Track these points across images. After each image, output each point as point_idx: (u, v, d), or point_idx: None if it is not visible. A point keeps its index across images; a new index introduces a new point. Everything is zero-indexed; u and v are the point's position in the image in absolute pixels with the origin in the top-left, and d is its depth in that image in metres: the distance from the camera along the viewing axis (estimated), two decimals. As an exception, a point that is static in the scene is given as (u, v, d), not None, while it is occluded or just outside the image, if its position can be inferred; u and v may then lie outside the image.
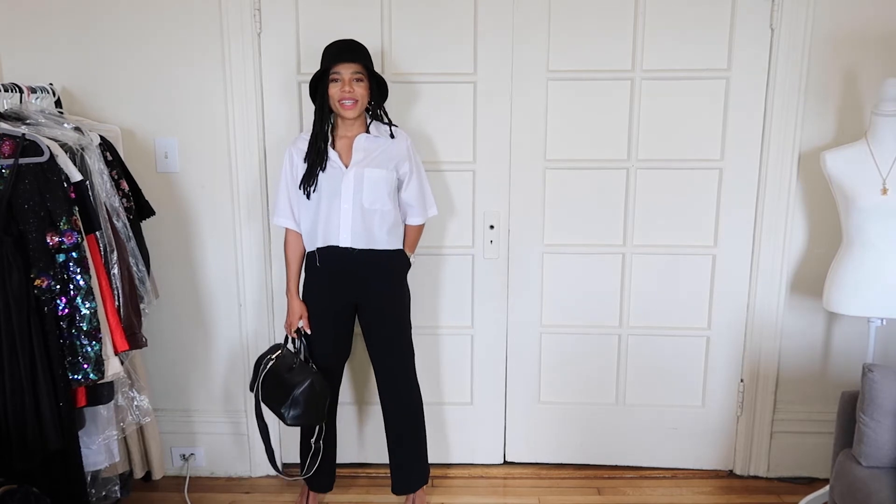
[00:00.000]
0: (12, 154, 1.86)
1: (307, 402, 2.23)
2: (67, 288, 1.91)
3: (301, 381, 2.23)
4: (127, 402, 2.22)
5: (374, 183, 2.23)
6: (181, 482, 2.72)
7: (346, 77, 2.17)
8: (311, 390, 2.23)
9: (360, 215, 2.24)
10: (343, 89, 2.17)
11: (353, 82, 2.17)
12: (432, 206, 2.40)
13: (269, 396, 2.32)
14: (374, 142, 2.27)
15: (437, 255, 2.66)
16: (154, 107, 2.53)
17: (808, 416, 2.70)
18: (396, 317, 2.37)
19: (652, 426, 2.78)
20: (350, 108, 2.18)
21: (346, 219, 2.23)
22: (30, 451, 1.89)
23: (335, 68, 2.17)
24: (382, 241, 2.28)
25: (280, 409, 2.26)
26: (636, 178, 2.58)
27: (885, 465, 1.95)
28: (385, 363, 2.40)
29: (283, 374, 2.28)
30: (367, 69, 2.20)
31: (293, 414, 2.23)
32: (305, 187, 2.24)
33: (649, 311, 2.69)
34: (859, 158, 2.25)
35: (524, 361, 2.75)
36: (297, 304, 2.36)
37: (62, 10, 2.47)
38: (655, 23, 2.46)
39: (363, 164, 2.24)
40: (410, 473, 2.49)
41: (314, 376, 2.26)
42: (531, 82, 2.52)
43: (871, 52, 2.42)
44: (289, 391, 2.23)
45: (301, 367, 2.29)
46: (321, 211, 2.26)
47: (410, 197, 2.34)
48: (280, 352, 2.35)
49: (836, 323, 2.63)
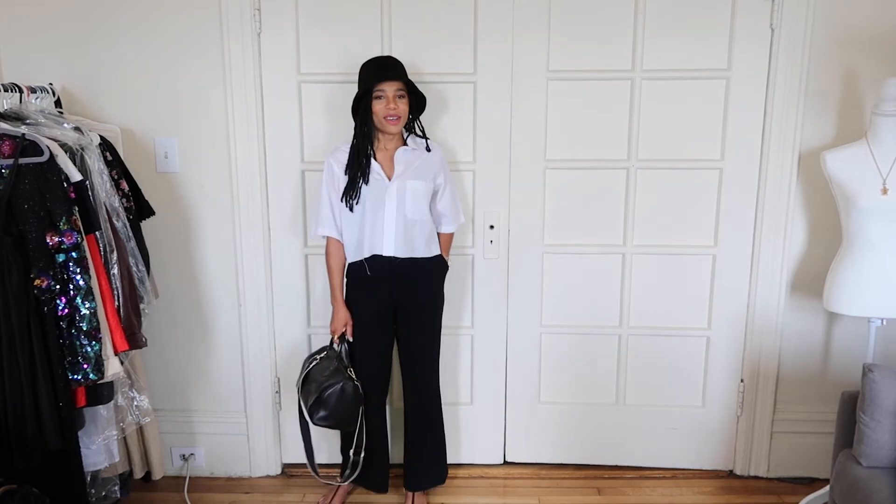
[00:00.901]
0: (12, 154, 1.86)
1: (334, 405, 2.30)
2: (67, 288, 1.91)
3: (333, 384, 2.30)
4: (127, 402, 2.22)
5: (415, 194, 2.31)
6: (181, 482, 2.72)
7: (389, 94, 2.23)
8: (342, 394, 2.30)
9: (402, 225, 2.31)
10: (388, 107, 2.23)
11: (397, 99, 2.24)
12: (461, 214, 2.49)
13: (304, 395, 2.37)
14: (412, 154, 2.34)
15: (437, 255, 2.66)
16: (154, 107, 2.53)
17: (808, 416, 2.70)
18: (432, 321, 2.46)
19: (652, 426, 2.78)
20: (395, 123, 2.25)
21: (391, 229, 2.30)
22: (30, 451, 1.89)
23: (379, 86, 2.22)
24: (422, 249, 2.35)
25: (309, 407, 2.32)
26: (636, 178, 2.58)
27: (885, 465, 1.95)
28: (416, 365, 2.48)
29: (318, 375, 2.34)
30: (407, 85, 2.26)
31: (320, 415, 2.30)
32: (348, 199, 2.29)
33: (649, 311, 2.69)
34: (859, 158, 2.25)
35: (524, 361, 2.75)
36: (343, 311, 2.41)
37: (62, 10, 2.47)
38: (655, 23, 2.46)
39: (405, 176, 2.31)
40: (427, 472, 2.57)
41: (346, 382, 2.32)
42: (531, 82, 2.52)
43: (871, 52, 2.42)
44: (319, 391, 2.29)
45: (336, 371, 2.34)
46: (366, 222, 2.31)
47: (445, 207, 2.41)
48: (326, 353, 2.41)
49: (836, 323, 2.63)
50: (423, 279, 2.40)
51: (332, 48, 2.48)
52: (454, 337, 2.74)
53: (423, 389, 2.50)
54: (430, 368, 2.49)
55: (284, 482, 2.78)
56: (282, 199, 2.61)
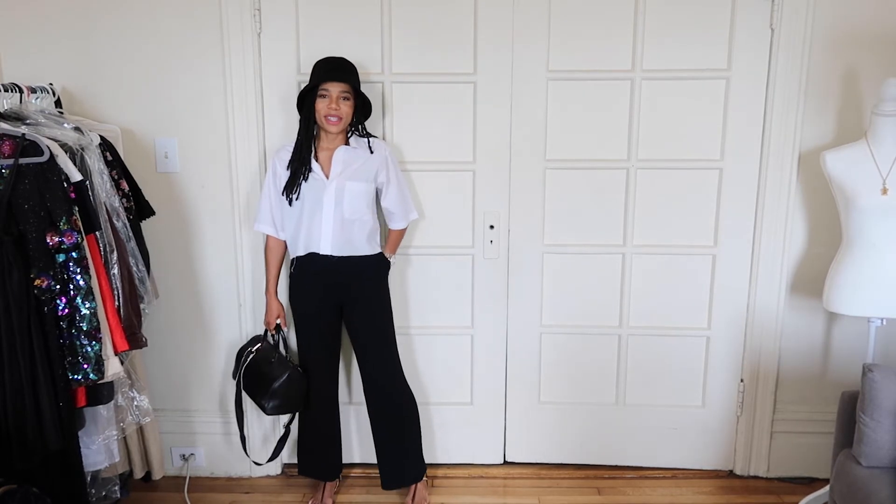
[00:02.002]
0: (12, 154, 1.86)
1: (285, 394, 2.41)
2: (67, 288, 1.91)
3: (279, 375, 2.41)
4: (127, 402, 2.22)
5: (354, 196, 2.33)
6: (181, 482, 2.72)
7: (333, 94, 2.26)
8: (289, 383, 2.41)
9: (340, 225, 2.34)
10: (330, 106, 2.26)
11: (340, 100, 2.27)
12: (413, 211, 2.49)
13: (249, 387, 2.49)
14: (352, 154, 2.35)
15: (437, 255, 2.66)
16: (154, 107, 2.53)
17: (808, 416, 2.70)
18: (378, 318, 2.46)
19: (652, 426, 2.78)
20: (334, 124, 2.28)
21: (328, 229, 2.33)
22: (30, 450, 1.89)
23: (324, 85, 2.26)
24: (362, 247, 2.38)
25: (260, 400, 2.44)
26: (636, 178, 2.58)
27: (885, 465, 1.95)
28: (369, 362, 2.49)
29: (263, 368, 2.44)
30: (354, 89, 2.28)
31: (272, 405, 2.42)
32: (288, 194, 2.33)
33: (649, 311, 2.69)
34: (859, 158, 2.25)
35: (524, 361, 2.75)
36: (275, 303, 2.51)
37: (62, 10, 2.47)
38: (655, 23, 2.46)
39: (343, 176, 2.33)
40: (399, 469, 2.55)
41: (292, 370, 2.43)
42: (531, 82, 2.52)
43: (871, 52, 2.42)
44: (268, 384, 2.41)
45: (280, 361, 2.45)
46: (304, 219, 2.35)
47: (391, 203, 2.42)
48: (260, 345, 2.50)
49: (836, 323, 2.63)
50: (362, 276, 2.40)
51: (332, 48, 2.48)
52: (454, 337, 2.74)
53: (381, 388, 2.49)
54: (385, 366, 2.48)
55: (284, 482, 2.78)
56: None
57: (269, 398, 2.40)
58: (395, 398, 2.51)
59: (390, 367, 2.49)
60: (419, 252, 2.63)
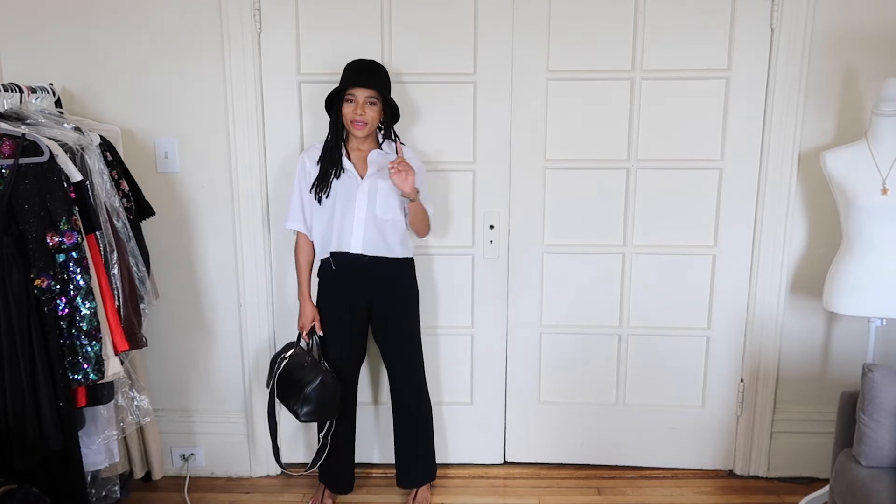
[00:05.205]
0: (12, 154, 1.86)
1: (318, 399, 2.32)
2: (67, 288, 1.91)
3: (312, 379, 2.32)
4: (127, 402, 2.23)
5: (386, 194, 2.31)
6: (181, 482, 2.72)
7: (359, 100, 2.25)
8: (323, 387, 2.32)
9: (373, 223, 2.31)
10: (355, 111, 2.25)
11: (367, 105, 2.25)
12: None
13: (282, 394, 2.40)
14: (386, 158, 2.34)
15: (437, 255, 2.66)
16: (154, 107, 2.53)
17: (808, 416, 2.70)
18: (406, 321, 2.45)
19: (652, 426, 2.78)
20: (360, 128, 2.27)
21: (360, 226, 2.31)
22: (30, 450, 1.89)
23: (351, 90, 2.24)
24: (396, 249, 2.36)
25: (293, 406, 2.34)
26: (636, 178, 2.58)
27: (885, 465, 1.95)
28: (397, 365, 2.48)
29: (296, 373, 2.36)
30: (381, 94, 2.26)
31: (305, 410, 2.32)
32: (318, 192, 2.31)
33: (649, 311, 2.69)
34: (859, 158, 2.25)
35: (524, 361, 2.75)
36: (309, 307, 2.43)
37: (62, 9, 2.47)
38: (655, 23, 2.46)
39: (377, 176, 2.31)
40: (417, 469, 2.57)
41: (325, 374, 2.34)
42: (531, 82, 2.52)
43: (871, 52, 2.42)
44: (301, 389, 2.31)
45: (312, 365, 2.37)
46: (335, 218, 2.33)
47: None
48: (293, 350, 2.42)
49: (836, 323, 2.63)
50: (393, 278, 2.39)
51: (333, 48, 2.48)
52: (454, 337, 2.74)
53: (405, 390, 2.50)
54: (410, 369, 2.48)
55: (284, 482, 2.78)
56: (282, 200, 2.61)
57: (302, 403, 2.31)
58: (421, 404, 2.53)
59: (418, 375, 2.50)
60: (419, 252, 2.62)
